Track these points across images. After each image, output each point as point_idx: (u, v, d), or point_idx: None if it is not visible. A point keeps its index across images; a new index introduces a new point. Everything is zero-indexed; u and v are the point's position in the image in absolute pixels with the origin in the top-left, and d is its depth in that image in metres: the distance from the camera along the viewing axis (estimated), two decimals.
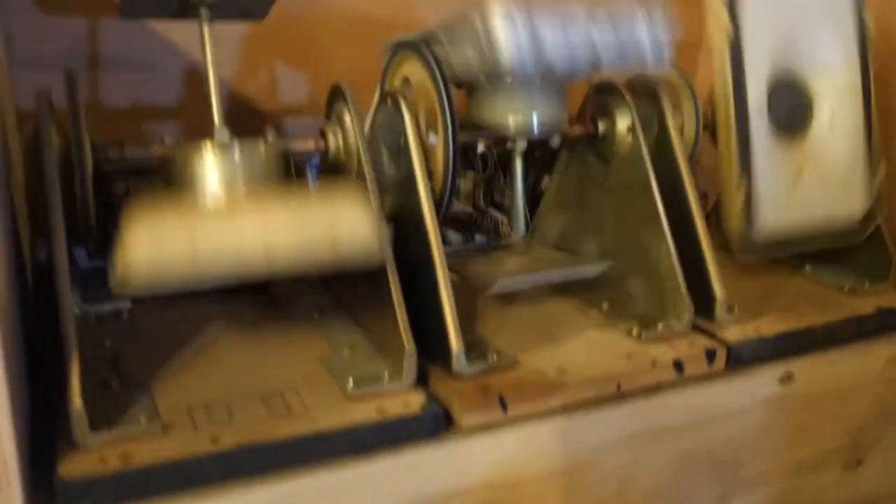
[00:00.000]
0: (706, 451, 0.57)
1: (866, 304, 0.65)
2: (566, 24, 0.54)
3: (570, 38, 0.53)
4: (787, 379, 0.59)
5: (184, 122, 0.77)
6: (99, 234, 0.51)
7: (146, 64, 0.74)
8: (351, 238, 0.46)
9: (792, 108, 0.65)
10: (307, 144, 0.55)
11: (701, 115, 0.67)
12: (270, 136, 0.52)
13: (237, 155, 0.48)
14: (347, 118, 0.54)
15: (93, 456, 0.42)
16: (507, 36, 0.52)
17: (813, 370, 0.60)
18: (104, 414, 0.45)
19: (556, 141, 0.63)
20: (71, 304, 0.44)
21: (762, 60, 0.63)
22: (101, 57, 0.72)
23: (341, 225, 0.46)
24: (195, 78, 0.76)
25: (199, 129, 0.51)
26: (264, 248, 0.42)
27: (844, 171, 0.66)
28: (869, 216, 0.68)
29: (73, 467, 0.42)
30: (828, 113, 0.65)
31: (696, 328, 0.59)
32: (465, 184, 0.73)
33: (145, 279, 0.41)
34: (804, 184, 0.64)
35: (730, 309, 0.61)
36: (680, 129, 0.66)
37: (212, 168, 0.48)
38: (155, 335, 0.60)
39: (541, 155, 0.72)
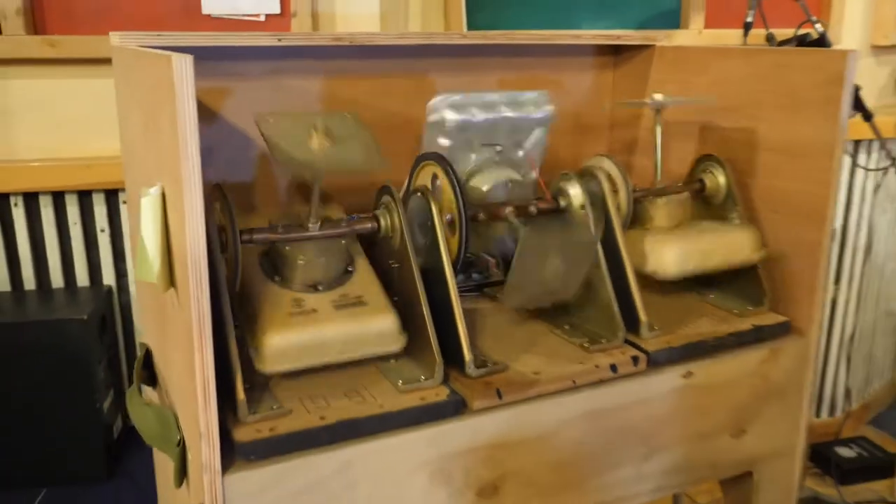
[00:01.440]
0: (634, 425, 0.86)
1: (746, 323, 0.94)
2: None
3: None
4: (688, 375, 0.88)
5: None
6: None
7: None
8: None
9: None
10: (366, 225, 0.82)
11: (630, 192, 0.95)
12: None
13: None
14: (393, 208, 0.82)
15: (252, 429, 0.70)
16: None
17: (707, 369, 0.89)
18: (250, 402, 0.73)
19: (533, 209, 0.91)
20: (233, 331, 0.72)
21: None
22: None
23: None
24: None
25: None
26: None
27: None
28: None
29: (242, 435, 0.69)
30: None
31: (627, 341, 0.88)
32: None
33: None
34: None
35: (650, 328, 0.89)
36: (617, 204, 0.94)
37: None
38: None
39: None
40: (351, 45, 0.95)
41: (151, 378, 0.92)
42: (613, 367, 0.84)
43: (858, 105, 1.74)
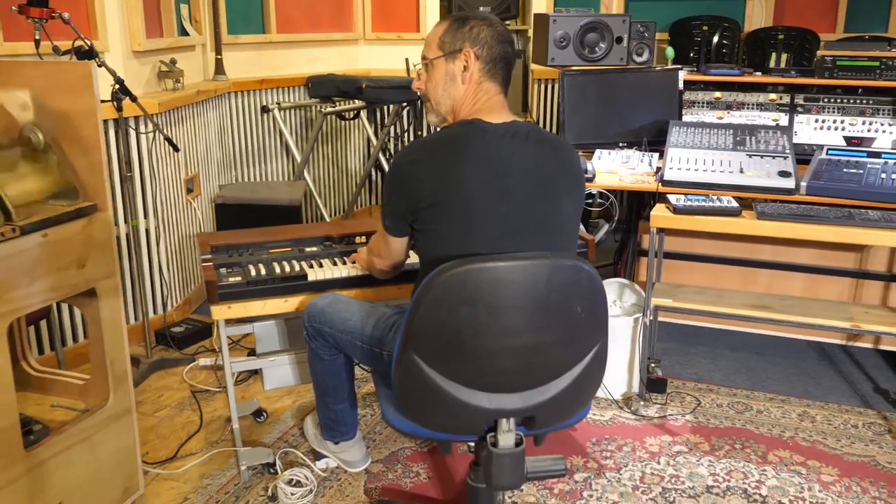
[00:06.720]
0: (19, 266, 1.59)
1: (73, 207, 1.75)
2: None
3: None
4: (46, 235, 1.65)
5: None
6: None
7: None
8: None
9: None
10: None
11: None
12: None
13: None
14: None
15: None
16: None
17: (56, 231, 1.67)
18: None
19: None
20: None
21: None
22: None
23: None
24: None
25: None
26: None
27: None
28: None
29: None
30: None
31: (9, 224, 1.60)
32: None
33: None
34: None
35: (21, 215, 1.63)
36: None
37: None
38: None
39: None
40: None
41: None
42: (2, 235, 1.56)
43: (127, 92, 2.68)
